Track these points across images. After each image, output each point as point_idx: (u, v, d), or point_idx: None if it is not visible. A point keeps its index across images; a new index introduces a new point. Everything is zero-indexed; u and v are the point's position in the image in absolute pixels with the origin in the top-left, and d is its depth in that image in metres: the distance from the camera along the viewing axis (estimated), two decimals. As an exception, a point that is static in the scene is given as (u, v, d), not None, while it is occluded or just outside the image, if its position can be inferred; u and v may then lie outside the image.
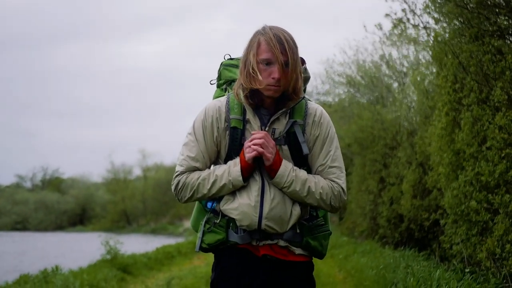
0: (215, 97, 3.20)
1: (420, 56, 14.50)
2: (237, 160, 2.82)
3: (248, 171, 2.80)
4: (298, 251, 2.90)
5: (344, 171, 2.98)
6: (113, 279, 11.38)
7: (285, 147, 2.87)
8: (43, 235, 51.87)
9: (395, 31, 12.46)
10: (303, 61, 2.98)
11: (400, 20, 10.62)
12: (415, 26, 10.47)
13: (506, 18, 6.56)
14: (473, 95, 7.21)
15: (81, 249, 26.34)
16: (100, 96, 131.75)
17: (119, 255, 13.76)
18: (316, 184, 2.84)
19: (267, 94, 2.80)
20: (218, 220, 2.87)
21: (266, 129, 2.85)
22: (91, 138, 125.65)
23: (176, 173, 2.91)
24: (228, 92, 3.09)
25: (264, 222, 2.78)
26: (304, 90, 3.07)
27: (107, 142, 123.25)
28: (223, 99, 2.96)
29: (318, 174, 2.92)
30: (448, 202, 8.19)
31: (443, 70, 8.20)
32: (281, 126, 2.87)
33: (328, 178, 2.90)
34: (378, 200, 15.39)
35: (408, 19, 10.51)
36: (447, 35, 8.06)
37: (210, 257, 11.22)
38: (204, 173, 2.86)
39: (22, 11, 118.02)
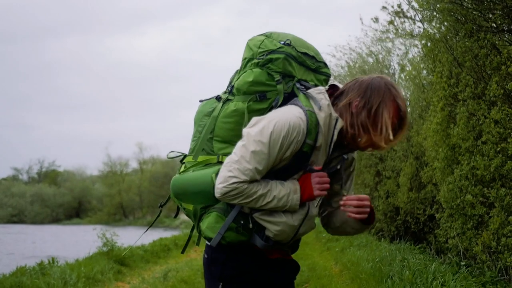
0: (260, 80, 2.87)
1: (416, 51, 14.52)
2: (297, 187, 2.79)
3: (306, 201, 2.83)
4: (290, 252, 3.06)
5: None
6: (109, 271, 11.41)
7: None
8: (39, 227, 51.87)
9: (391, 27, 12.49)
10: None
11: (396, 13, 10.67)
12: (411, 19, 10.50)
13: (501, 14, 6.58)
14: (468, 90, 7.25)
15: (77, 241, 26.36)
16: (97, 89, 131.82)
17: (115, 247, 13.78)
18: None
19: (362, 148, 2.84)
20: (250, 225, 2.80)
21: (327, 162, 2.91)
22: (87, 131, 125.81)
23: (236, 180, 2.66)
24: (282, 85, 2.86)
25: (294, 239, 2.92)
26: None
27: (104, 136, 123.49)
28: (304, 118, 2.71)
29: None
30: (443, 196, 8.24)
31: (437, 66, 8.23)
32: (335, 162, 2.96)
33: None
34: (374, 193, 15.43)
35: (403, 12, 10.54)
36: (441, 31, 8.08)
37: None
38: (262, 188, 2.72)
39: (19, 5, 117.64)
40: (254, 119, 2.76)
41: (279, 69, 2.85)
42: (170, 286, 9.69)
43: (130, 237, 22.28)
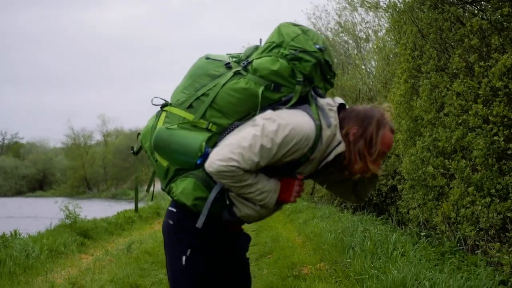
0: (283, 74, 2.80)
1: (381, 22, 14.57)
2: (278, 187, 2.82)
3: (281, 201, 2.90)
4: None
5: None
6: (72, 243, 11.34)
7: None
8: (1, 200, 51.25)
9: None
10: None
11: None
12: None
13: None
14: (432, 62, 7.29)
15: (40, 214, 26.12)
16: (59, 62, 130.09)
17: (78, 220, 13.67)
18: None
19: (354, 173, 2.89)
20: (227, 201, 2.82)
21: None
22: (50, 103, 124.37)
23: (237, 164, 2.62)
24: (302, 87, 2.81)
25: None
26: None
27: (66, 108, 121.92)
28: (314, 130, 2.72)
29: None
30: (405, 168, 8.33)
31: (402, 37, 8.26)
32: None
33: None
34: (338, 165, 15.54)
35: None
36: (406, 2, 8.10)
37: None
38: (251, 178, 2.71)
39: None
40: (270, 114, 2.72)
41: (305, 71, 2.81)
42: (134, 258, 9.66)
43: (93, 209, 22.17)
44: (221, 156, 2.62)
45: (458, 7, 6.81)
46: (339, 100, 2.96)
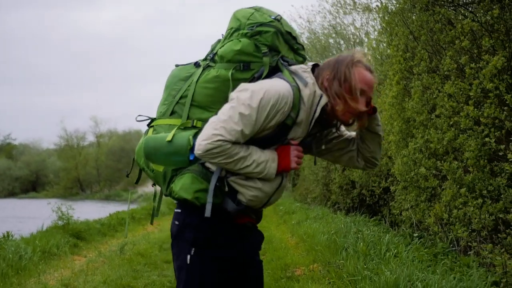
0: (248, 51, 2.89)
1: (373, 24, 14.61)
2: (274, 156, 2.83)
3: (282, 172, 2.87)
4: (253, 216, 3.06)
5: None
6: (65, 245, 11.32)
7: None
8: (-6, 201, 51.10)
9: (348, 0, 12.53)
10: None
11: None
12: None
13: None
14: (423, 64, 7.32)
15: (33, 215, 26.05)
16: (52, 62, 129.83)
17: (71, 221, 13.66)
18: None
19: (343, 119, 2.88)
20: (226, 188, 2.84)
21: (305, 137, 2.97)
22: (42, 104, 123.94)
23: (221, 137, 2.65)
24: (269, 60, 2.89)
25: (264, 207, 2.98)
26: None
27: (59, 109, 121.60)
28: (291, 90, 2.76)
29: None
30: (398, 169, 8.34)
31: (394, 39, 8.28)
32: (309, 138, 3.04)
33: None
34: (331, 166, 15.55)
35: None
36: (398, 2, 8.12)
37: (164, 223, 11.20)
38: (243, 151, 2.74)
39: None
40: (242, 85, 2.77)
41: (268, 42, 2.89)
42: (127, 259, 9.66)
43: (87, 211, 22.14)
44: (205, 136, 2.66)
45: (449, 9, 6.83)
46: (312, 62, 3.01)
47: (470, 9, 6.67)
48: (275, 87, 2.73)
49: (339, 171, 14.35)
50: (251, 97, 2.69)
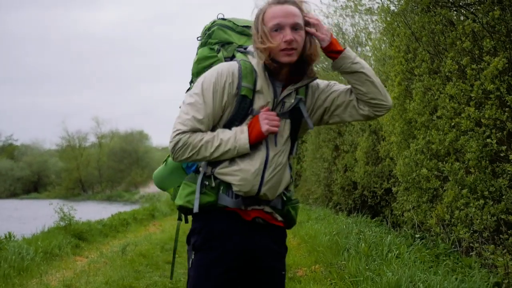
0: (203, 55, 3.12)
1: (375, 25, 14.59)
2: (244, 128, 2.81)
3: (257, 140, 2.81)
4: (279, 218, 2.98)
5: None
6: (67, 245, 11.33)
7: (288, 121, 2.92)
8: (-4, 202, 51.11)
9: (350, 3, 12.53)
10: None
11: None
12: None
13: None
14: (424, 65, 7.32)
15: (35, 216, 26.07)
16: (53, 63, 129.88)
17: (73, 222, 13.66)
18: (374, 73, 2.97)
19: (284, 60, 2.78)
20: (212, 184, 2.85)
21: (278, 102, 2.88)
22: (44, 105, 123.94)
23: (177, 131, 2.80)
24: (223, 53, 3.06)
25: (263, 189, 2.83)
26: None
27: (61, 109, 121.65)
28: (235, 64, 2.87)
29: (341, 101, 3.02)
30: (400, 170, 8.35)
31: (395, 40, 8.29)
32: (289, 101, 2.90)
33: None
34: (333, 167, 15.56)
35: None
36: (400, 4, 8.12)
37: (165, 224, 11.20)
38: (207, 135, 2.81)
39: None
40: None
41: (216, 39, 3.13)
42: (129, 260, 9.66)
43: (88, 211, 22.14)
44: (169, 138, 2.83)
45: (450, 10, 6.84)
46: None
47: (471, 10, 6.68)
48: (213, 69, 2.87)
49: (341, 172, 14.36)
50: (195, 87, 2.85)
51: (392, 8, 8.50)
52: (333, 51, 2.88)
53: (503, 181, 5.77)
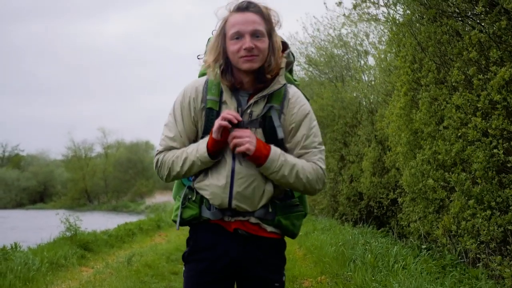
0: (202, 72, 3.15)
1: (381, 35, 14.60)
2: (206, 138, 2.82)
3: (214, 147, 2.77)
4: (269, 228, 2.92)
5: (324, 153, 2.97)
6: (73, 256, 11.32)
7: (259, 130, 2.84)
8: (2, 212, 51.15)
9: (355, 11, 12.52)
10: (285, 46, 2.99)
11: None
12: (375, 4, 10.52)
13: (464, -1, 6.63)
14: (431, 75, 7.31)
15: (41, 226, 26.09)
16: (60, 74, 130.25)
17: (79, 232, 13.65)
18: (303, 169, 2.82)
19: (244, 67, 2.77)
20: (193, 197, 2.90)
21: (244, 111, 2.83)
22: (50, 115, 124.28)
23: (156, 152, 2.97)
24: None
25: (234, 202, 2.80)
26: (290, 72, 3.14)
27: (67, 120, 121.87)
28: (202, 80, 2.96)
29: (299, 157, 2.89)
30: (406, 181, 8.33)
31: (401, 50, 8.28)
32: (258, 110, 2.84)
33: (311, 161, 2.88)
34: (338, 178, 15.55)
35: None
36: (406, 14, 8.12)
37: (171, 234, 11.23)
38: (179, 151, 2.88)
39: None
40: None
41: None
42: (134, 271, 9.65)
43: (94, 222, 22.13)
44: None
45: (457, 21, 6.83)
46: None
47: (477, 20, 6.67)
48: (182, 89, 3.00)
49: (347, 182, 14.33)
50: (170, 108, 2.99)
51: (398, 18, 8.49)
52: (257, 157, 2.77)
53: (510, 192, 5.74)
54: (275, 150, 2.78)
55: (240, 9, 2.81)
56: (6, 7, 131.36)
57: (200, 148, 2.80)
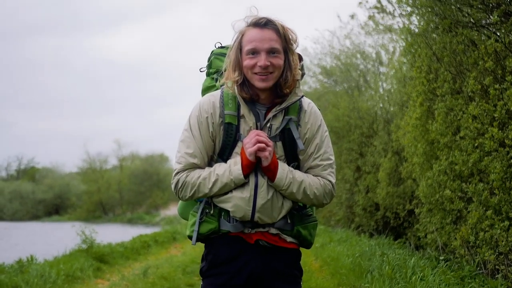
0: (205, 86, 3.22)
1: (396, 45, 14.58)
2: (237, 159, 2.82)
3: (249, 168, 2.81)
4: (289, 239, 2.95)
5: (335, 166, 3.02)
6: (89, 268, 11.34)
7: (279, 144, 2.89)
8: (18, 224, 51.43)
9: (370, 22, 12.55)
10: (300, 58, 3.00)
11: (375, 7, 10.72)
12: (390, 13, 10.54)
13: (479, 9, 6.61)
14: (447, 86, 7.28)
15: (57, 239, 26.19)
16: (74, 87, 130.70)
17: (95, 244, 13.68)
18: (311, 185, 2.88)
19: (259, 86, 2.80)
20: (211, 211, 2.90)
21: (263, 125, 2.86)
22: (65, 128, 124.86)
23: (176, 171, 2.91)
24: (219, 81, 3.08)
25: (257, 215, 2.82)
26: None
27: (82, 133, 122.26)
28: (217, 94, 2.94)
29: (310, 169, 2.95)
30: (422, 191, 8.28)
31: (417, 60, 8.26)
32: (277, 123, 2.87)
33: (320, 175, 2.93)
34: (354, 188, 15.49)
35: (382, 7, 10.58)
36: (421, 25, 8.11)
37: (187, 246, 11.24)
38: (205, 172, 2.86)
39: (1, 3, 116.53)
40: None
41: (214, 68, 3.25)
42: (150, 283, 9.65)
43: (109, 234, 22.18)
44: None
45: (472, 30, 6.81)
46: None
47: (493, 30, 6.64)
48: (197, 103, 2.97)
49: (363, 193, 14.28)
50: (185, 123, 2.96)
51: (413, 28, 8.47)
52: (269, 170, 2.83)
53: (528, 202, 5.70)
54: (282, 167, 2.84)
55: (258, 25, 2.83)
56: (21, 22, 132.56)
57: (233, 170, 2.81)
